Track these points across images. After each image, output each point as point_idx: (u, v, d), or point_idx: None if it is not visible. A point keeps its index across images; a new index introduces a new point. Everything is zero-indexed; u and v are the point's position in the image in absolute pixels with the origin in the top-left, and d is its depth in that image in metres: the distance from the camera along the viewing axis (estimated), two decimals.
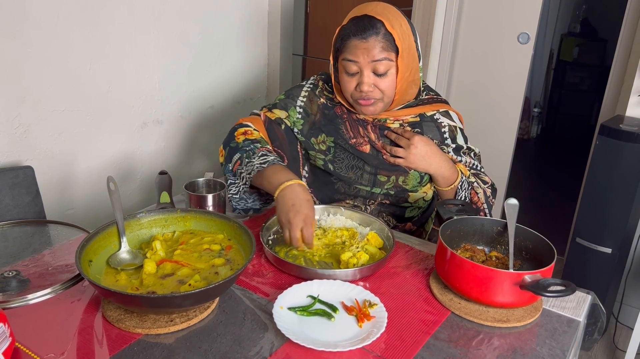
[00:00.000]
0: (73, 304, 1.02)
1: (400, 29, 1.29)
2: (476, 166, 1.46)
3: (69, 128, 1.71)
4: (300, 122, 1.46)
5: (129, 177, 1.96)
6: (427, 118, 1.44)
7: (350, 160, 1.44)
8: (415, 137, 1.36)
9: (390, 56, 1.29)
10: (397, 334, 0.98)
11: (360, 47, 1.28)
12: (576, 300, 1.11)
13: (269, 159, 1.29)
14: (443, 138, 1.44)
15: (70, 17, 1.62)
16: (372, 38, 1.27)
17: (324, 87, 1.49)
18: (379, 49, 1.27)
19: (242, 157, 1.33)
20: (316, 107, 1.46)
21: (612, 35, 3.01)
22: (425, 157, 1.36)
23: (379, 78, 1.31)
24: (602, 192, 2.03)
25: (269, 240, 1.28)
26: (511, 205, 1.14)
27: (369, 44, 1.27)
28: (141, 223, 1.16)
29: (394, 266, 1.21)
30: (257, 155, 1.31)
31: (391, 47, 1.28)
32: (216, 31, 2.16)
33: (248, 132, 1.40)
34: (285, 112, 1.47)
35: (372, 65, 1.29)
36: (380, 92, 1.33)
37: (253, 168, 1.29)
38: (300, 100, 1.47)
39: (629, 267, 2.26)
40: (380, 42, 1.27)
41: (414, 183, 1.43)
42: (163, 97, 2.00)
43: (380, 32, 1.27)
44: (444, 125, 1.44)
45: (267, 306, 1.04)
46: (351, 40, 1.29)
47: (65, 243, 1.25)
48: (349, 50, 1.30)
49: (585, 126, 4.51)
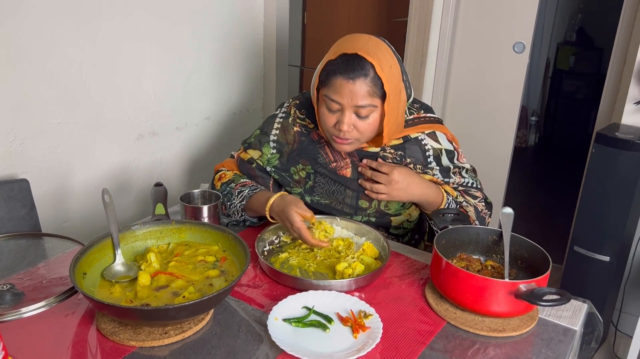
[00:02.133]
0: (67, 317, 1.02)
1: (390, 72, 1.24)
2: (467, 183, 1.43)
3: (64, 141, 1.71)
4: (276, 156, 1.44)
5: (124, 189, 1.96)
6: (411, 140, 1.39)
7: (331, 185, 1.41)
8: (394, 171, 1.32)
9: (375, 102, 1.24)
10: (392, 344, 0.98)
11: (345, 87, 1.22)
12: (572, 309, 1.11)
13: (244, 194, 1.37)
14: (427, 161, 1.39)
15: (65, 30, 1.63)
16: (360, 80, 1.21)
17: (295, 115, 1.44)
18: (364, 93, 1.22)
19: (224, 201, 1.41)
20: (291, 136, 1.43)
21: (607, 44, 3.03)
22: (407, 189, 1.33)
23: (359, 120, 1.26)
24: (599, 200, 2.03)
25: (264, 251, 1.28)
26: (506, 214, 1.14)
27: (355, 86, 1.21)
28: (136, 235, 1.16)
29: (389, 277, 1.21)
30: (235, 194, 1.39)
31: (377, 92, 1.23)
32: (212, 42, 2.17)
33: (222, 176, 1.47)
34: (258, 151, 1.45)
35: (354, 108, 1.24)
36: (358, 133, 1.28)
37: (236, 208, 1.38)
38: (273, 134, 1.44)
39: (627, 275, 2.25)
40: (368, 85, 1.22)
41: (396, 207, 1.41)
42: (159, 108, 2.01)
43: (368, 74, 1.21)
44: (428, 148, 1.39)
45: (262, 317, 1.03)
46: (337, 78, 1.22)
47: (60, 256, 1.25)
48: (334, 88, 1.24)
49: (582, 134, 4.52)
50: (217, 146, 2.32)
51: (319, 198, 1.42)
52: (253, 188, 1.38)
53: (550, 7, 4.58)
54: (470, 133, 2.79)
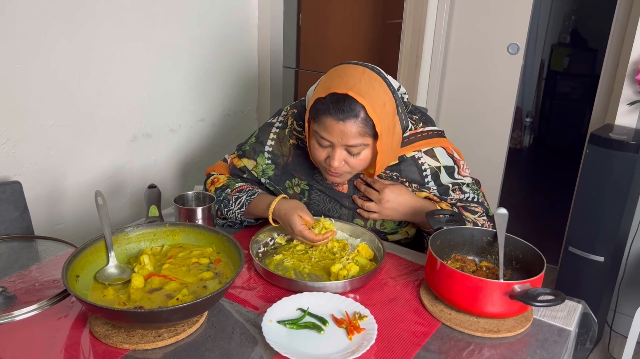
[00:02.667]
0: (60, 320, 1.01)
1: (382, 110, 1.19)
2: (467, 198, 1.37)
3: (57, 143, 1.70)
4: (271, 167, 1.41)
5: (118, 191, 1.95)
6: (407, 160, 1.35)
7: (326, 203, 1.39)
8: (386, 189, 1.30)
9: (366, 141, 1.20)
10: (387, 346, 0.97)
11: (336, 128, 1.18)
12: (567, 310, 1.11)
13: (242, 200, 1.36)
14: (424, 180, 1.35)
15: (58, 32, 1.62)
16: (350, 121, 1.16)
17: (292, 126, 1.40)
18: (355, 133, 1.18)
19: (221, 207, 1.39)
20: (287, 148, 1.40)
21: (601, 45, 3.04)
22: (399, 209, 1.31)
23: (351, 156, 1.23)
24: (594, 201, 2.03)
25: (258, 253, 1.28)
26: (501, 215, 1.14)
27: (346, 127, 1.17)
28: (129, 238, 1.15)
29: (384, 278, 1.20)
30: (232, 201, 1.37)
31: (369, 131, 1.19)
32: (206, 44, 2.17)
33: (215, 181, 1.44)
34: (253, 161, 1.42)
35: (345, 146, 1.21)
36: (350, 168, 1.26)
37: (235, 214, 1.37)
38: (268, 145, 1.41)
39: (621, 275, 2.26)
40: (359, 126, 1.17)
41: (392, 226, 1.39)
42: (153, 110, 2.00)
43: (359, 115, 1.16)
44: (425, 167, 1.34)
45: (257, 319, 1.03)
46: (327, 117, 1.18)
47: (53, 258, 1.24)
48: (324, 127, 1.19)
49: (577, 135, 4.53)
50: (211, 148, 2.31)
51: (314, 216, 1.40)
52: (250, 193, 1.36)
53: (544, 9, 4.60)
54: (465, 134, 2.80)
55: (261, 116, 2.57)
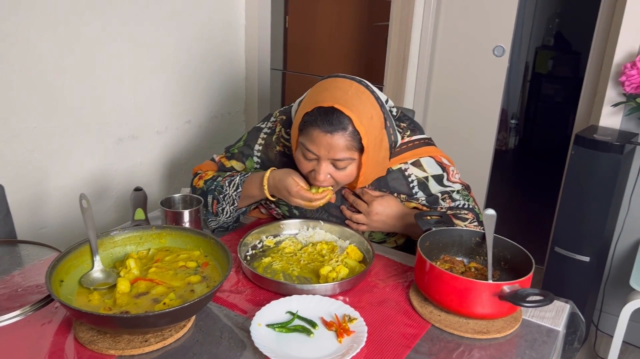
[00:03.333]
0: (43, 326, 0.99)
1: (370, 123, 1.19)
2: (457, 206, 1.36)
3: (41, 145, 1.67)
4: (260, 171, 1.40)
5: (103, 194, 1.93)
6: (393, 172, 1.34)
7: (314, 213, 1.37)
8: (374, 202, 1.29)
9: (353, 155, 1.20)
10: (377, 348, 0.97)
11: (323, 141, 1.17)
12: (555, 310, 1.12)
13: (235, 181, 1.34)
14: (411, 191, 1.34)
15: (42, 33, 1.60)
16: (338, 134, 1.16)
17: (280, 133, 1.39)
18: (342, 146, 1.17)
19: (215, 195, 1.35)
20: (273, 155, 1.39)
21: (584, 48, 3.08)
22: (388, 221, 1.30)
23: (336, 170, 1.23)
24: (579, 201, 2.05)
25: (246, 256, 1.26)
26: (489, 216, 1.14)
27: (333, 140, 1.16)
28: (115, 241, 1.13)
29: (373, 280, 1.20)
30: (225, 186, 1.35)
31: (356, 145, 1.18)
32: (193, 45, 2.15)
33: (203, 176, 1.42)
34: (242, 163, 1.42)
35: (331, 160, 1.21)
36: (335, 182, 1.25)
37: (233, 198, 1.33)
38: (257, 150, 1.41)
39: (607, 275, 2.28)
40: (346, 139, 1.17)
41: (381, 236, 1.39)
42: (138, 112, 1.98)
43: (347, 129, 1.16)
44: (412, 179, 1.34)
45: (245, 323, 1.02)
46: (315, 130, 1.17)
47: (36, 263, 1.22)
48: (311, 139, 1.19)
49: (561, 136, 4.58)
50: (198, 150, 2.30)
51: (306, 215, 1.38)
52: (243, 174, 1.36)
53: (529, 12, 4.64)
54: (452, 136, 2.81)
55: (248, 118, 2.56)
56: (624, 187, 2.12)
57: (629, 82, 1.93)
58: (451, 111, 2.83)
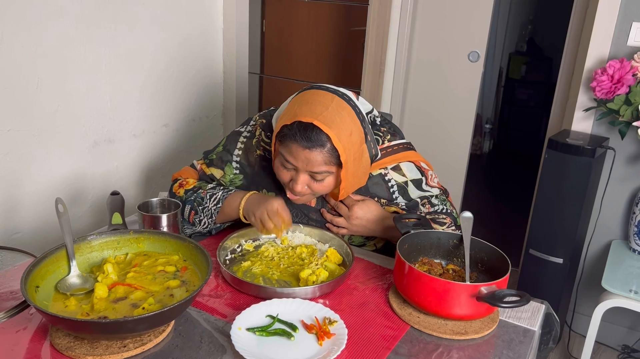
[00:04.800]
0: (19, 333, 0.97)
1: (349, 140, 1.19)
2: (436, 210, 1.38)
3: (14, 149, 1.64)
4: (239, 177, 1.40)
5: (79, 198, 1.90)
6: (374, 177, 1.35)
7: (294, 217, 1.36)
8: (355, 206, 1.30)
9: (331, 169, 1.21)
10: (357, 351, 0.97)
11: (301, 155, 1.18)
12: (531, 310, 1.14)
13: (218, 196, 1.33)
14: (391, 196, 1.35)
15: (15, 35, 1.57)
16: (316, 150, 1.17)
17: (260, 137, 1.38)
18: (320, 161, 1.18)
19: (193, 206, 1.35)
20: (253, 159, 1.38)
21: (556, 54, 3.15)
22: (368, 225, 1.31)
23: (314, 182, 1.24)
24: (552, 204, 2.09)
25: (226, 260, 1.26)
26: (466, 218, 1.16)
27: (312, 155, 1.17)
28: (92, 246, 1.12)
29: (353, 282, 1.21)
30: (206, 198, 1.34)
31: (334, 159, 1.19)
32: (170, 49, 2.14)
33: (183, 184, 1.40)
34: (221, 170, 1.40)
35: (310, 172, 1.22)
36: (312, 192, 1.27)
37: (211, 211, 1.33)
38: (236, 155, 1.39)
39: (579, 276, 2.33)
40: (324, 155, 1.18)
41: (360, 240, 1.40)
42: (115, 115, 1.96)
43: (325, 146, 1.17)
44: (392, 184, 1.35)
45: (225, 327, 1.01)
46: (293, 144, 1.18)
47: (10, 269, 1.19)
48: (289, 151, 1.20)
49: (534, 140, 4.67)
50: (175, 153, 2.28)
51: None
52: (226, 190, 1.35)
53: (502, 18, 4.73)
54: (428, 140, 2.84)
55: (226, 121, 2.55)
56: (596, 190, 2.18)
57: (599, 88, 1.98)
58: (427, 115, 2.86)
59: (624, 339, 2.35)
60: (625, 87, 1.93)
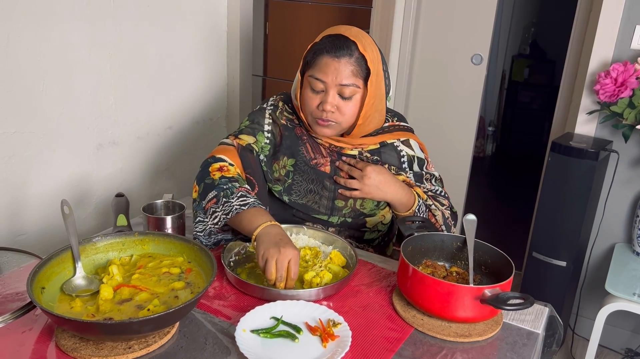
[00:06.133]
0: (24, 334, 0.97)
1: (372, 54, 1.31)
2: (436, 190, 1.48)
3: (19, 151, 1.65)
4: (268, 147, 1.40)
5: (83, 200, 1.90)
6: (388, 146, 1.45)
7: (309, 184, 1.39)
8: (368, 167, 1.35)
9: (358, 83, 1.30)
10: (361, 353, 0.98)
11: (331, 65, 1.28)
12: (535, 313, 1.14)
13: (249, 201, 1.23)
14: (401, 165, 1.45)
15: (21, 36, 1.58)
16: (345, 59, 1.28)
17: (283, 107, 1.46)
18: (349, 72, 1.28)
19: (219, 195, 1.25)
20: (278, 129, 1.43)
21: (559, 56, 3.15)
22: (380, 186, 1.36)
23: (343, 101, 1.31)
24: (556, 207, 2.09)
25: (230, 262, 1.26)
26: (470, 221, 1.16)
27: (341, 64, 1.28)
28: (97, 248, 1.12)
29: (357, 285, 1.21)
30: (236, 195, 1.24)
31: (361, 72, 1.29)
32: (174, 51, 2.15)
33: (224, 168, 1.31)
34: (253, 137, 1.39)
35: (338, 87, 1.29)
36: (340, 116, 1.32)
37: (232, 209, 1.22)
38: (267, 124, 1.42)
39: (582, 279, 2.33)
40: (352, 64, 1.28)
41: (371, 206, 1.42)
42: (119, 118, 1.97)
43: (353, 54, 1.28)
44: (403, 154, 1.46)
45: (229, 329, 1.01)
46: (323, 57, 1.29)
47: (15, 270, 1.20)
48: (319, 67, 1.30)
49: (537, 143, 4.66)
50: (179, 156, 2.28)
51: (297, 198, 1.39)
52: (258, 202, 1.25)
53: (506, 21, 4.73)
54: (431, 143, 2.83)
55: (230, 124, 2.56)
56: (599, 193, 2.17)
57: (603, 91, 1.98)
58: (430, 118, 2.86)
59: (627, 342, 2.34)
60: (629, 90, 1.93)
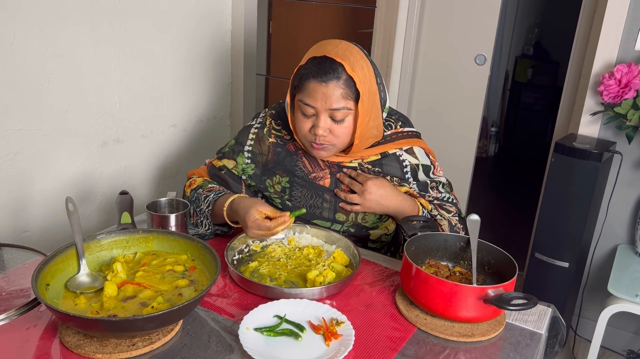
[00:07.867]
0: (29, 330, 0.98)
1: (362, 72, 1.25)
2: (443, 197, 1.44)
3: (24, 148, 1.65)
4: (251, 166, 1.41)
5: (88, 197, 1.91)
6: (389, 156, 1.40)
7: (308, 199, 1.39)
8: (368, 181, 1.33)
9: (349, 105, 1.25)
10: (364, 351, 0.98)
11: (319, 91, 1.23)
12: (538, 313, 1.14)
13: (210, 198, 1.34)
14: (404, 175, 1.40)
15: (27, 34, 1.58)
16: (333, 82, 1.22)
17: (271, 125, 1.43)
18: (338, 95, 1.23)
19: (194, 207, 1.37)
20: (266, 147, 1.41)
21: (563, 57, 3.15)
22: (381, 201, 1.33)
23: (335, 124, 1.27)
24: (559, 208, 2.09)
25: (233, 260, 1.27)
26: (473, 221, 1.16)
27: (329, 89, 1.22)
28: (101, 245, 1.13)
29: (360, 284, 1.21)
30: (201, 199, 1.35)
31: (351, 94, 1.24)
32: (179, 49, 2.15)
33: (192, 183, 1.43)
34: (233, 161, 1.43)
35: (329, 111, 1.25)
36: (334, 138, 1.29)
37: (205, 213, 1.34)
38: (248, 145, 1.42)
39: (585, 281, 2.32)
40: (341, 87, 1.23)
41: (373, 219, 1.41)
42: (124, 115, 1.97)
43: (341, 76, 1.22)
44: (406, 164, 1.41)
45: (233, 327, 1.02)
46: (310, 82, 1.24)
47: (20, 267, 1.20)
48: (307, 92, 1.25)
49: (540, 144, 4.66)
50: (183, 154, 2.29)
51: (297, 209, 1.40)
52: (219, 192, 1.36)
53: (509, 22, 4.73)
54: (434, 143, 2.82)
55: (234, 122, 2.56)
56: (602, 194, 2.17)
57: (607, 92, 1.98)
58: (434, 118, 2.86)
59: (629, 344, 2.34)
60: (633, 91, 1.93)
